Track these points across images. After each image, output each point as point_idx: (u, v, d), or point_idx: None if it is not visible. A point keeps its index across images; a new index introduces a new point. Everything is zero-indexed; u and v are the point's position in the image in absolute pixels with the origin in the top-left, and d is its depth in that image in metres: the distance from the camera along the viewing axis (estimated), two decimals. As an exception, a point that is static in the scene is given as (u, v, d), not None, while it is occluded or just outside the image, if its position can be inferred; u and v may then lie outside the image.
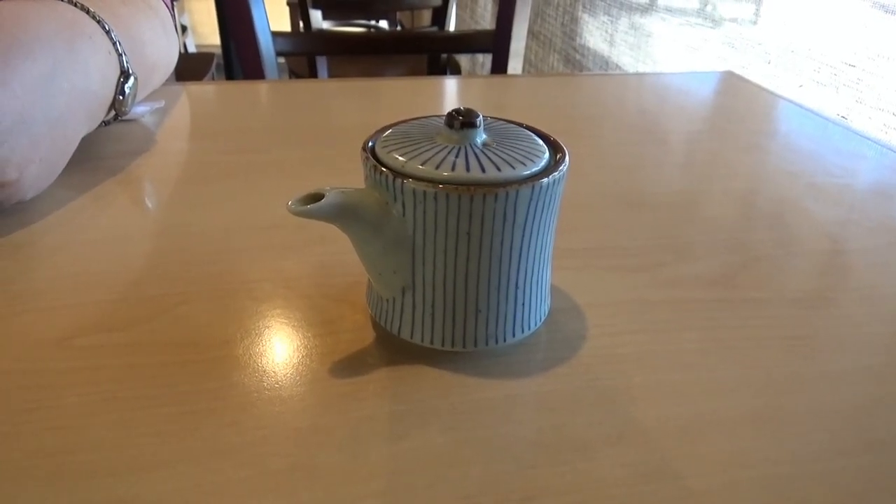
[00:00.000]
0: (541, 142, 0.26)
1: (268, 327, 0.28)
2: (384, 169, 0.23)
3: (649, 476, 0.21)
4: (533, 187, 0.22)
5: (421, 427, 0.23)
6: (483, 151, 0.24)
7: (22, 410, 0.23)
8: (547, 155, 0.24)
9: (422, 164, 0.22)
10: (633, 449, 0.22)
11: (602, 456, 0.22)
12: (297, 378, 0.25)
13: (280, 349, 0.27)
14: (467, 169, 0.22)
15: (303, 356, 0.26)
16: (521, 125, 0.27)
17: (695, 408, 0.24)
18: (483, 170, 0.22)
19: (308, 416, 0.23)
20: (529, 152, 0.24)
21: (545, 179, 0.23)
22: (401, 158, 0.23)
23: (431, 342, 0.25)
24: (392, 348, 0.26)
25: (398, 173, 0.22)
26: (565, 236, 0.35)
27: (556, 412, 0.24)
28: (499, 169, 0.23)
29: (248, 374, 0.25)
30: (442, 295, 0.24)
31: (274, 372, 0.25)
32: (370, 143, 0.25)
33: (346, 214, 0.22)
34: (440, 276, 0.24)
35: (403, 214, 0.23)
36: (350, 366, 0.26)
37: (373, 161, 0.23)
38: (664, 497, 0.21)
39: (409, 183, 0.22)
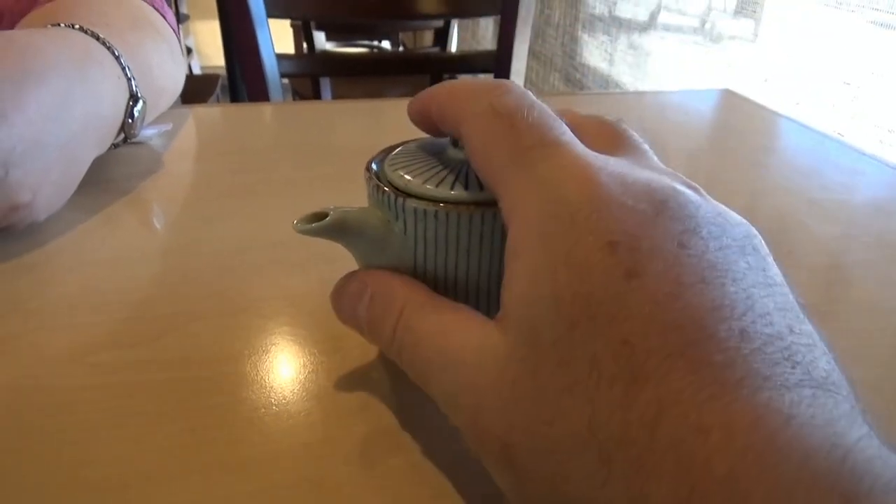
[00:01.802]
0: None
1: (274, 344, 0.28)
2: (386, 188, 0.23)
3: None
4: None
5: (426, 441, 0.23)
6: None
7: (35, 425, 0.24)
8: None
9: (424, 183, 0.23)
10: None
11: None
12: (304, 393, 0.25)
13: (287, 365, 0.27)
14: (466, 187, 0.23)
15: (309, 372, 0.27)
16: None
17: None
18: (482, 188, 0.23)
19: (315, 431, 0.24)
20: None
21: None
22: (406, 177, 0.24)
23: None
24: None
25: (399, 192, 0.23)
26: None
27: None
28: None
29: (256, 389, 0.26)
30: None
31: (281, 387, 0.26)
32: (374, 163, 0.25)
33: (349, 233, 0.23)
34: (441, 292, 0.24)
35: (405, 232, 0.23)
36: (356, 381, 0.26)
37: (375, 181, 0.24)
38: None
39: (410, 202, 0.22)
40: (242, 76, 0.96)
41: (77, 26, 0.41)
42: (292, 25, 2.38)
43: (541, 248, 0.17)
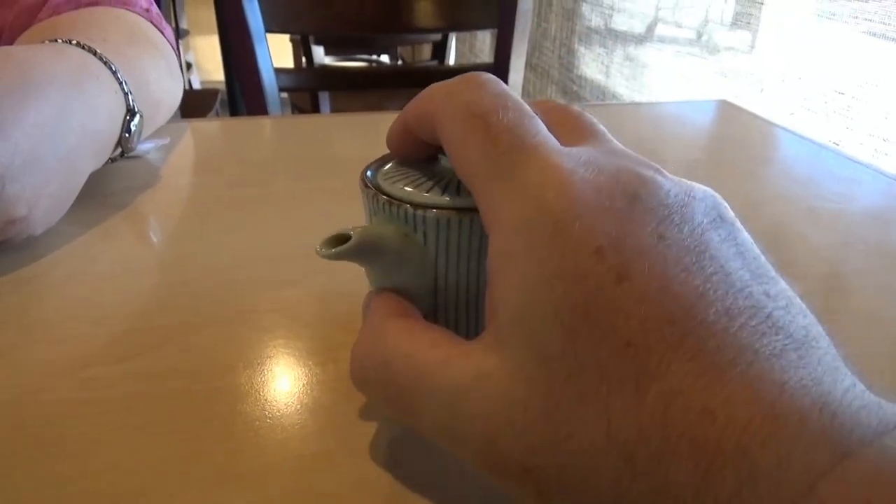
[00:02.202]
0: None
1: (270, 356, 0.28)
2: (402, 202, 0.23)
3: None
4: None
5: (424, 453, 0.23)
6: None
7: (31, 438, 0.23)
8: None
9: (430, 192, 0.23)
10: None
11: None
12: (300, 406, 0.25)
13: (283, 377, 0.27)
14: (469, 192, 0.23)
15: (305, 384, 0.27)
16: None
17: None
18: None
19: (310, 443, 0.24)
20: None
21: None
22: (408, 188, 0.23)
23: None
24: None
25: (417, 205, 0.23)
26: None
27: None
28: None
29: (252, 401, 0.25)
30: (465, 317, 0.25)
31: (276, 400, 0.26)
32: (369, 179, 0.25)
33: (372, 251, 0.23)
34: (462, 298, 0.24)
35: (425, 243, 0.23)
36: (351, 393, 0.26)
37: (384, 197, 0.23)
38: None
39: (431, 213, 0.22)
40: (241, 91, 0.96)
41: (74, 42, 0.42)
42: (291, 40, 2.40)
43: (529, 261, 0.17)
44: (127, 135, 0.43)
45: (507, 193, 0.18)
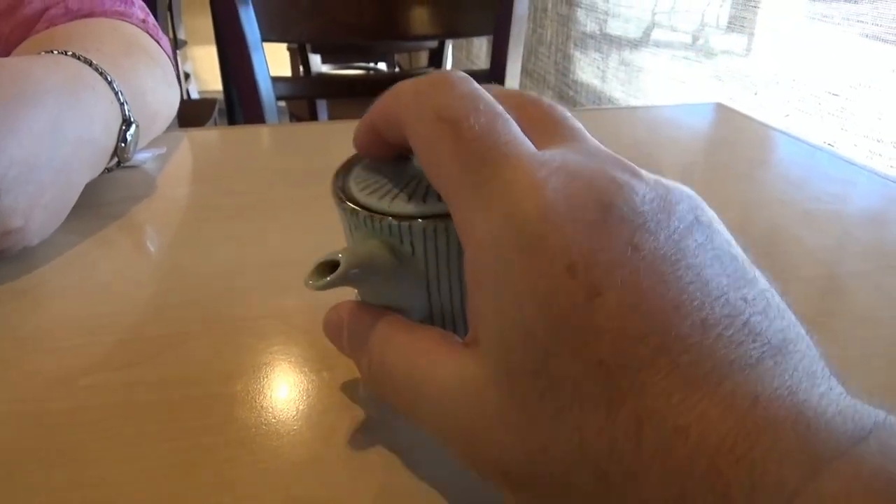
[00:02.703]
0: None
1: (266, 363, 0.28)
2: (385, 216, 0.22)
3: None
4: None
5: (419, 459, 0.23)
6: None
7: (27, 449, 0.23)
8: None
9: (410, 202, 0.23)
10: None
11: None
12: (295, 413, 0.25)
13: (279, 384, 0.27)
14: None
15: (301, 391, 0.27)
16: None
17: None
18: None
19: (306, 450, 0.24)
20: None
21: None
22: (386, 199, 0.23)
23: None
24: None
25: (402, 216, 0.22)
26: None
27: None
28: None
29: (248, 409, 0.25)
30: (462, 320, 0.25)
31: (272, 407, 0.26)
32: (343, 187, 0.24)
33: (364, 272, 0.22)
34: (457, 302, 0.24)
35: (413, 254, 0.23)
36: (346, 400, 0.26)
37: (365, 213, 0.23)
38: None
39: (418, 223, 0.22)
40: (239, 100, 0.97)
41: (70, 53, 0.42)
42: (289, 49, 2.40)
43: (503, 277, 0.17)
44: (123, 145, 0.44)
45: (479, 202, 0.17)
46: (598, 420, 0.15)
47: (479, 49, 2.46)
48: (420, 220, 0.22)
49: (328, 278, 0.21)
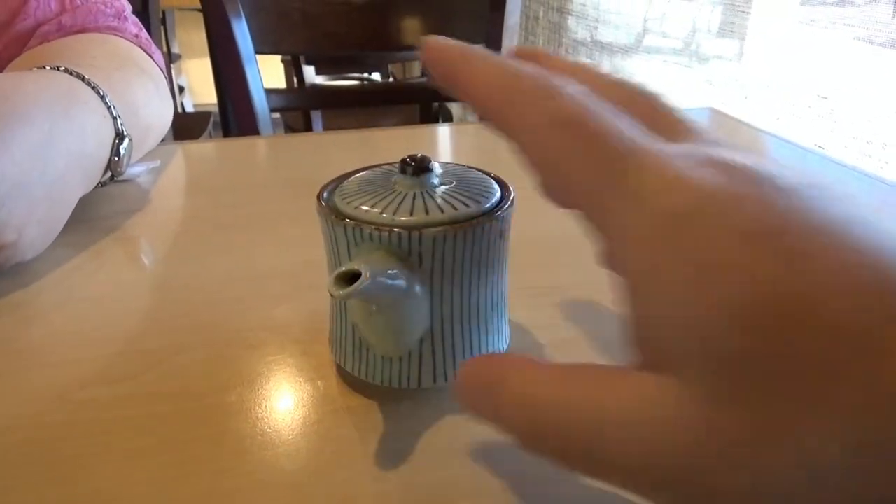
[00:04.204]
0: (488, 178, 0.27)
1: (260, 374, 0.28)
2: (393, 228, 0.23)
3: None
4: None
5: (414, 467, 0.23)
6: (447, 191, 0.25)
7: (21, 464, 0.23)
8: (496, 189, 0.26)
9: (409, 215, 0.23)
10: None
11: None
12: (290, 423, 0.25)
13: (273, 395, 0.27)
14: (442, 210, 0.23)
15: (295, 401, 0.27)
16: (468, 167, 0.28)
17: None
18: (455, 207, 0.23)
19: (300, 460, 0.24)
20: (479, 190, 0.25)
21: (499, 213, 0.24)
22: (387, 212, 0.23)
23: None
24: (383, 391, 0.27)
25: (411, 227, 0.22)
26: (556, 272, 0.36)
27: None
28: (477, 202, 0.24)
29: (242, 420, 0.26)
30: (461, 331, 0.25)
31: (267, 417, 0.26)
32: (331, 210, 0.25)
33: (384, 278, 0.22)
34: (458, 312, 0.24)
35: (420, 265, 0.23)
36: (341, 411, 0.26)
37: (370, 226, 0.23)
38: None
39: (427, 231, 0.22)
40: (233, 113, 0.97)
41: (62, 68, 0.42)
42: (283, 60, 2.41)
43: (678, 268, 0.15)
44: (116, 159, 0.44)
45: (627, 201, 0.16)
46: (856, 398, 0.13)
47: (473, 58, 2.46)
48: (430, 228, 0.22)
49: (353, 286, 0.20)
